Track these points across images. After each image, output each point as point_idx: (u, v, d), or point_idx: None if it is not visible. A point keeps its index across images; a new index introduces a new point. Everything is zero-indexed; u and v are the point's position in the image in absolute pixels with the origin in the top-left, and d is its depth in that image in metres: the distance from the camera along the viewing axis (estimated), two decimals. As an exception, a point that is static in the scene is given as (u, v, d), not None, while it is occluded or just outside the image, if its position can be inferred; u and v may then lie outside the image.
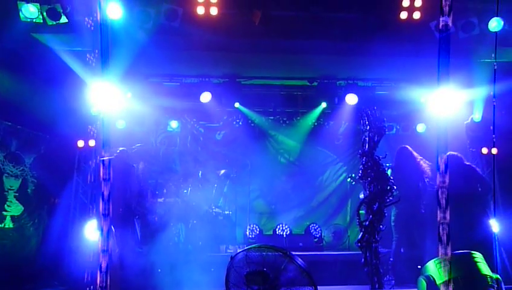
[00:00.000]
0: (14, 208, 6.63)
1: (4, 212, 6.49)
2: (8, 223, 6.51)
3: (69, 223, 6.81)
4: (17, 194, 6.68)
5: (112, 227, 5.23)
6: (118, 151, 6.39)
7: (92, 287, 5.81)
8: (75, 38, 6.13)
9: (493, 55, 6.58)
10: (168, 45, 6.41)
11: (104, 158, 3.12)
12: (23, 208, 6.72)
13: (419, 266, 5.88)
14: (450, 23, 2.87)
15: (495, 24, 6.27)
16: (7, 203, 6.55)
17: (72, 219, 6.87)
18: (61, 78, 6.45)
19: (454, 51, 3.01)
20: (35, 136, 7.04)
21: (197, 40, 6.41)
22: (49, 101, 6.50)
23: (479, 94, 7.37)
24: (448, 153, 5.38)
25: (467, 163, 5.61)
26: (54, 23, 5.87)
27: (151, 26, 6.12)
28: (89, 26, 5.79)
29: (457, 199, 4.95)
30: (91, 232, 6.27)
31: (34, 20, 5.84)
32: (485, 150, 7.69)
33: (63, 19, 5.87)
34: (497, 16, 6.30)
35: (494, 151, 7.64)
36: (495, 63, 5.17)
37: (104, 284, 2.57)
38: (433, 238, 5.92)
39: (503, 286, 2.92)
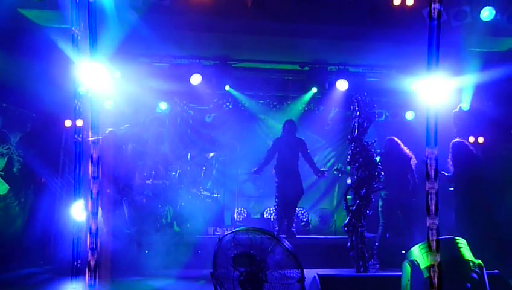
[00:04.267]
0: (0, 187, 6.55)
1: (-10, 191, 6.43)
2: (-6, 202, 6.45)
3: (55, 203, 6.76)
4: (2, 173, 6.60)
5: (100, 207, 5.21)
6: (107, 132, 6.33)
7: (79, 262, 5.80)
8: (63, 15, 5.98)
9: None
10: (159, 24, 6.30)
11: (93, 138, 3.08)
12: (8, 187, 6.64)
13: (403, 251, 6.01)
14: (441, 11, 2.86)
15: (487, 13, 6.30)
16: (-8, 182, 6.48)
17: (59, 198, 6.82)
18: (49, 55, 6.31)
19: (445, 39, 3.00)
20: (22, 114, 6.93)
21: (188, 20, 6.32)
22: (36, 79, 6.37)
23: (468, 83, 7.43)
24: (456, 140, 5.68)
25: (472, 148, 5.85)
26: (41, -2, 5.72)
27: (142, 5, 6.00)
28: (76, 2, 5.65)
29: (468, 184, 5.26)
30: (78, 213, 6.23)
31: (20, -5, 5.69)
32: (471, 139, 7.78)
33: (50, -6, 5.73)
34: (489, 5, 6.32)
35: (481, 140, 7.79)
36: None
37: (92, 263, 2.55)
38: (420, 225, 6.07)
39: (485, 272, 2.99)
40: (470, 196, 5.72)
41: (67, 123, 6.84)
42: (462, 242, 3.10)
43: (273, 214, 8.41)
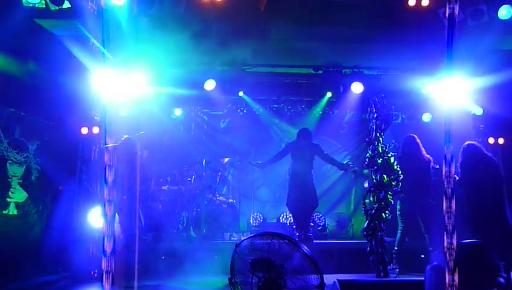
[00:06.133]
0: (18, 194, 6.63)
1: (8, 199, 6.49)
2: (12, 210, 6.51)
3: (73, 210, 6.81)
4: (21, 181, 6.67)
5: (116, 214, 5.23)
6: (122, 138, 6.36)
7: (96, 272, 5.84)
8: (78, 25, 6.05)
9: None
10: (172, 31, 6.34)
11: (108, 145, 3.09)
12: (27, 195, 6.71)
13: (422, 256, 5.89)
14: (458, 11, 2.80)
15: (505, 12, 6.18)
16: (11, 189, 6.54)
17: (76, 206, 6.87)
18: (65, 64, 6.39)
19: (462, 39, 2.95)
20: (39, 123, 7.01)
21: (201, 26, 6.35)
22: (52, 87, 6.45)
23: (486, 83, 7.28)
24: (467, 143, 5.45)
25: (487, 153, 5.54)
26: (57, 8, 5.80)
27: (155, 12, 6.04)
28: (92, 11, 5.72)
29: (476, 188, 5.00)
30: (95, 219, 6.27)
31: (37, 5, 5.77)
32: (491, 140, 7.63)
33: (66, 4, 5.80)
34: (506, 4, 6.20)
35: (501, 141, 7.63)
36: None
37: (109, 270, 2.55)
38: (440, 229, 5.91)
39: (511, 276, 2.90)
40: (479, 201, 5.24)
41: (84, 131, 6.90)
42: (486, 245, 3.02)
43: (290, 219, 8.35)
